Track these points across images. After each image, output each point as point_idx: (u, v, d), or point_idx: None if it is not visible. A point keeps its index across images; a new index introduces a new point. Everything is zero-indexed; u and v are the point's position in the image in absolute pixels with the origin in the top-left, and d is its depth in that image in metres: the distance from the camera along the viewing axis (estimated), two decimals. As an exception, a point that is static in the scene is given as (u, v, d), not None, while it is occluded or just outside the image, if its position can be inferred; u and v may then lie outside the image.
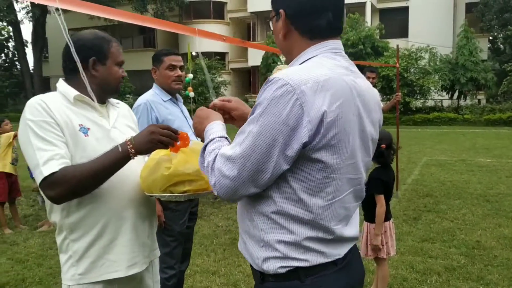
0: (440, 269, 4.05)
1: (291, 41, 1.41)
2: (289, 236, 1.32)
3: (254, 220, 1.37)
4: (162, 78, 2.99)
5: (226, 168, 1.27)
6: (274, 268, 1.34)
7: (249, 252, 1.41)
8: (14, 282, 4.03)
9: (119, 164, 1.61)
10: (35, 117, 1.58)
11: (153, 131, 1.62)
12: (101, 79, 1.75)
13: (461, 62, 22.12)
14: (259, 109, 1.26)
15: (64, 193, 1.55)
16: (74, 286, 1.69)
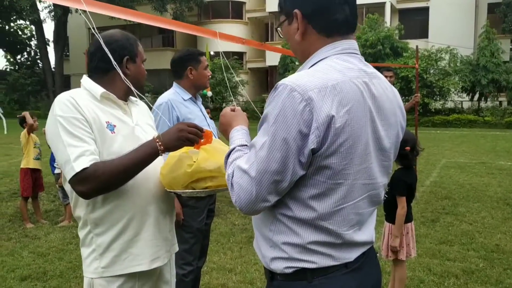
0: (458, 272, 4.01)
1: (309, 42, 1.38)
2: (295, 238, 1.32)
3: (264, 220, 1.39)
4: (201, 78, 3.08)
5: (244, 182, 1.27)
6: (281, 268, 1.35)
7: (260, 251, 1.43)
8: (35, 275, 4.12)
9: (148, 161, 1.66)
10: (65, 113, 1.62)
11: (182, 129, 1.68)
12: (133, 76, 1.83)
13: (482, 63, 21.76)
14: (269, 119, 1.24)
15: (94, 188, 1.59)
16: (97, 279, 1.73)
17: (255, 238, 1.49)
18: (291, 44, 1.44)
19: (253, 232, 4.71)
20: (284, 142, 1.21)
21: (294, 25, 1.37)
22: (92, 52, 1.80)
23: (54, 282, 3.96)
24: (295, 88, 1.21)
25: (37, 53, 36.20)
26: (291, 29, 1.39)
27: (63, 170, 1.62)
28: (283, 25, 1.43)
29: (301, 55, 1.43)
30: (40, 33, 31.72)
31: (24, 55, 37.91)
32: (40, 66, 35.12)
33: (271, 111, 1.24)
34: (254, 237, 1.50)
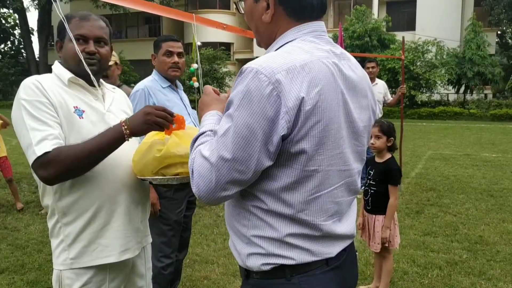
0: (442, 263, 4.01)
1: (276, 24, 1.30)
2: (271, 232, 1.25)
3: (237, 215, 1.31)
4: (159, 64, 2.96)
5: (203, 169, 1.18)
6: (258, 264, 1.27)
7: (235, 248, 1.34)
8: (13, 267, 4.02)
9: (113, 146, 1.58)
10: (29, 97, 1.56)
11: (148, 112, 1.58)
12: (64, 59, 1.70)
13: (469, 56, 21.90)
14: (234, 104, 1.16)
15: (57, 173, 1.51)
16: (66, 271, 1.67)
17: (230, 236, 1.40)
18: (255, 24, 1.34)
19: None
20: (248, 129, 1.13)
21: (261, 4, 1.29)
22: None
23: (32, 275, 3.87)
24: (261, 71, 1.13)
25: (21, 42, 35.54)
26: (258, 8, 1.30)
27: (26, 154, 1.55)
28: (245, 1, 1.34)
29: (266, 37, 1.34)
30: (24, 21, 31.14)
31: (8, 44, 37.18)
32: (24, 56, 34.51)
33: (235, 96, 1.16)
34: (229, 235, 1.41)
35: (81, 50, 1.65)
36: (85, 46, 1.67)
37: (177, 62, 2.95)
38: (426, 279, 3.72)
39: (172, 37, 3.02)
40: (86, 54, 1.67)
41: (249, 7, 1.33)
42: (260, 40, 1.38)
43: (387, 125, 3.40)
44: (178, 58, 2.96)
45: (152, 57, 3.00)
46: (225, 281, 3.71)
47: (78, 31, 1.67)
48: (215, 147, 1.17)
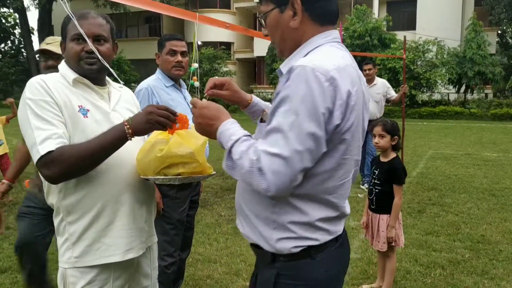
0: (444, 263, 4.01)
1: (302, 30, 1.40)
2: (302, 217, 1.37)
3: (265, 203, 1.39)
4: (163, 63, 2.97)
5: (276, 166, 1.24)
6: (288, 248, 1.38)
7: (259, 234, 1.42)
8: (16, 267, 4.01)
9: (116, 145, 1.58)
10: (35, 96, 1.56)
11: (150, 111, 1.57)
12: (66, 59, 1.72)
13: (469, 55, 21.89)
14: (294, 99, 1.25)
15: (60, 172, 1.51)
16: (70, 269, 1.68)
17: (243, 221, 1.49)
18: (281, 33, 1.44)
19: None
20: (313, 121, 1.25)
21: (288, 12, 1.39)
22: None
23: (35, 274, 3.86)
24: (316, 69, 1.25)
25: (21, 42, 35.51)
26: (285, 16, 1.40)
27: (31, 153, 1.55)
28: (270, 13, 1.43)
29: (292, 43, 1.44)
30: (24, 21, 31.10)
31: (8, 44, 37.15)
32: (24, 55, 34.48)
33: (293, 92, 1.26)
34: (240, 220, 1.51)
35: (80, 50, 1.66)
36: (84, 45, 1.67)
37: (180, 61, 2.95)
38: (429, 278, 3.72)
39: (176, 36, 3.02)
40: (86, 53, 1.67)
41: (275, 17, 1.43)
42: (284, 47, 1.47)
43: (391, 124, 3.39)
44: (181, 57, 2.96)
45: (156, 56, 3.01)
46: (227, 280, 3.71)
47: (76, 30, 1.66)
48: (284, 143, 1.24)
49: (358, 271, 3.85)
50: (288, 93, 1.26)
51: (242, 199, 1.48)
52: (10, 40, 36.77)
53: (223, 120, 1.42)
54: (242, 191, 1.49)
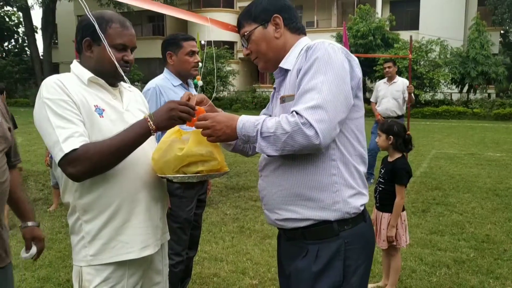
0: (449, 262, 4.03)
1: (285, 39, 1.73)
2: (356, 171, 1.64)
3: (319, 172, 1.59)
4: (181, 64, 2.93)
5: (318, 115, 1.46)
6: (356, 205, 1.63)
7: (322, 207, 1.60)
8: (24, 264, 4.05)
9: (139, 141, 1.61)
10: (53, 96, 1.58)
11: (172, 107, 1.61)
12: (95, 61, 1.70)
13: (472, 55, 21.85)
14: (320, 63, 1.52)
15: (85, 169, 1.54)
16: (86, 267, 1.69)
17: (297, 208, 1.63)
18: (267, 45, 1.72)
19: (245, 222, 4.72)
20: (340, 76, 1.53)
21: (270, 27, 1.71)
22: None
23: (43, 271, 3.90)
24: (330, 43, 1.59)
25: (25, 40, 35.56)
26: (269, 30, 1.72)
27: (52, 153, 1.56)
28: (254, 31, 1.72)
29: (277, 52, 1.74)
30: (28, 20, 31.17)
31: (12, 42, 37.23)
32: (28, 54, 34.55)
33: (319, 58, 1.53)
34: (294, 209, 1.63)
35: (120, 58, 1.70)
36: (124, 54, 1.71)
37: (198, 61, 2.97)
38: (434, 277, 3.74)
39: (191, 36, 3.01)
40: (124, 62, 1.72)
41: (260, 33, 1.73)
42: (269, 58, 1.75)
43: (387, 123, 3.43)
44: (198, 58, 2.99)
45: (168, 55, 2.94)
46: (234, 278, 3.74)
47: (121, 39, 1.70)
48: (319, 96, 1.48)
49: (363, 270, 3.87)
50: (313, 60, 1.54)
51: (290, 183, 1.63)
52: (14, 39, 36.87)
53: (237, 118, 1.61)
54: (286, 177, 1.64)
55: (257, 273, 3.83)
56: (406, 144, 3.43)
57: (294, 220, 1.64)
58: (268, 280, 3.70)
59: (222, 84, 25.32)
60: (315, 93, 1.48)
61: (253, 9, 1.74)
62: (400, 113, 6.85)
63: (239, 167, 8.83)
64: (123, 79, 1.77)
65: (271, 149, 1.51)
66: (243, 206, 5.94)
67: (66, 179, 1.67)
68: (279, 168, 1.65)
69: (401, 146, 3.42)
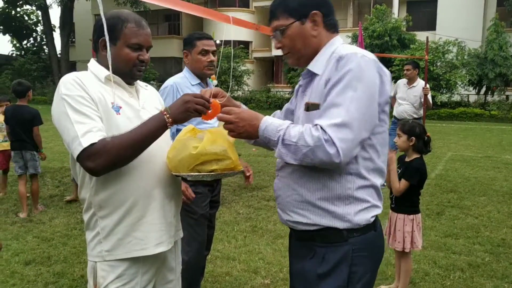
0: (464, 266, 3.99)
1: (320, 37, 1.66)
2: (372, 186, 1.62)
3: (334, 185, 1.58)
4: (194, 63, 2.93)
5: (342, 134, 1.45)
6: (367, 218, 1.61)
7: (332, 215, 1.59)
8: (40, 259, 4.12)
9: (156, 134, 1.63)
10: (71, 92, 1.60)
11: (188, 100, 1.64)
12: (112, 59, 1.68)
13: (490, 56, 21.54)
14: (351, 78, 1.48)
15: (104, 163, 1.55)
16: (100, 263, 1.72)
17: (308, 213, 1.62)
18: (303, 42, 1.66)
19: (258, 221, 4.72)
20: (370, 93, 1.50)
21: (308, 24, 1.64)
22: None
23: (58, 266, 3.96)
24: (363, 54, 1.53)
25: (43, 39, 36.11)
26: (306, 27, 1.65)
27: (70, 148, 1.58)
28: (291, 26, 1.65)
29: (312, 49, 1.68)
30: (46, 18, 31.62)
31: (30, 41, 37.83)
32: (46, 52, 35.04)
33: (350, 71, 1.49)
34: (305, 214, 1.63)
35: (135, 57, 1.72)
36: (140, 53, 1.73)
37: (212, 61, 2.92)
38: (448, 280, 3.71)
39: (207, 35, 2.97)
40: (139, 62, 1.74)
41: (297, 29, 1.65)
42: (302, 54, 1.69)
43: (409, 124, 3.40)
44: (212, 57, 2.95)
45: (184, 54, 2.97)
46: (246, 277, 3.75)
47: (136, 39, 1.72)
48: (346, 113, 1.46)
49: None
50: (343, 73, 1.49)
51: (304, 190, 1.62)
52: (32, 37, 37.44)
53: (261, 118, 1.61)
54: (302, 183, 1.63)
55: (269, 272, 3.84)
56: (426, 146, 3.40)
57: (304, 224, 1.66)
58: (280, 280, 3.70)
59: (237, 83, 25.34)
60: (342, 110, 1.46)
61: (290, 1, 1.65)
62: (416, 116, 6.78)
63: (252, 166, 8.82)
64: (139, 78, 1.79)
65: (290, 158, 1.52)
66: (256, 206, 5.95)
67: (83, 175, 1.70)
68: (296, 172, 1.65)
69: (421, 148, 3.39)
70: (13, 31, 35.71)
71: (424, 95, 6.71)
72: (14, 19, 35.20)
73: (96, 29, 1.76)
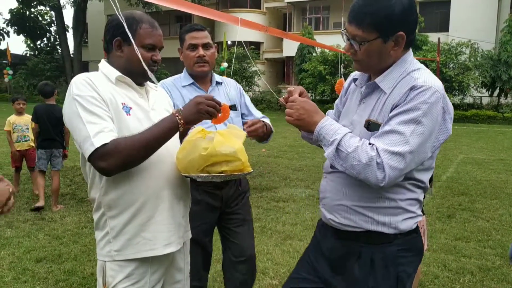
0: (474, 269, 3.95)
1: (397, 55, 1.62)
2: (417, 200, 1.69)
3: (383, 195, 1.63)
4: (185, 60, 2.61)
5: (394, 162, 1.50)
6: (411, 225, 1.68)
7: (380, 222, 1.65)
8: (51, 257, 4.17)
9: (168, 135, 1.65)
10: (82, 92, 1.62)
11: (200, 101, 1.66)
12: (126, 60, 1.73)
13: (504, 58, 21.32)
14: (418, 112, 1.50)
15: (116, 163, 1.57)
16: (109, 262, 1.73)
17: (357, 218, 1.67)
18: (379, 59, 1.62)
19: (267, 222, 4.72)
20: (429, 131, 1.53)
21: (390, 43, 1.58)
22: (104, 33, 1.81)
23: (69, 264, 4.00)
24: (436, 89, 1.53)
25: (56, 39, 36.44)
26: (387, 46, 1.59)
27: (82, 148, 1.60)
28: (373, 42, 1.57)
29: (385, 65, 1.64)
30: (60, 19, 31.95)
31: (44, 41, 38.21)
32: (59, 52, 35.39)
33: (419, 106, 1.50)
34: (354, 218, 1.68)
35: (149, 57, 1.74)
36: (153, 54, 1.76)
37: (202, 56, 2.54)
38: (457, 284, 3.68)
39: (195, 26, 2.60)
40: (152, 62, 1.76)
41: (377, 46, 1.59)
42: (375, 67, 1.66)
43: None
44: (203, 51, 2.56)
45: (179, 51, 2.65)
46: (254, 278, 3.75)
47: (150, 40, 1.75)
48: (404, 144, 1.50)
49: (385, 274, 3.84)
50: (413, 105, 1.50)
51: (355, 198, 1.68)
52: (46, 37, 37.83)
53: (322, 115, 1.66)
54: (352, 191, 1.68)
55: (277, 273, 3.84)
56: None
57: (349, 226, 1.70)
58: (288, 281, 3.70)
59: (248, 84, 25.37)
60: (402, 139, 1.50)
61: (381, 12, 1.54)
62: None
63: (262, 167, 8.85)
64: (151, 78, 1.81)
65: (337, 162, 1.58)
66: (265, 207, 5.95)
67: (93, 176, 1.72)
68: (348, 179, 1.68)
69: None
70: (27, 31, 36.11)
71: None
72: (28, 20, 35.60)
73: (109, 29, 1.77)
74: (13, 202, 1.39)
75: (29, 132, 6.53)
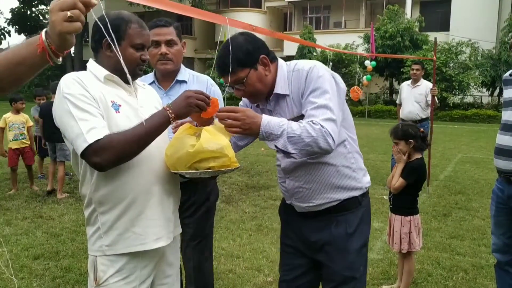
0: (468, 267, 3.98)
1: (271, 72, 1.97)
2: (359, 155, 2.11)
3: (344, 165, 2.02)
4: (150, 58, 2.34)
5: (333, 126, 1.79)
6: (368, 179, 2.13)
7: (351, 187, 2.04)
8: (48, 254, 4.21)
9: (160, 129, 1.69)
10: (73, 91, 1.64)
11: (189, 95, 1.73)
12: (115, 60, 1.71)
13: (504, 58, 21.31)
14: (323, 83, 1.85)
15: (109, 158, 1.60)
16: (100, 257, 1.76)
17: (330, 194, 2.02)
18: (261, 83, 1.94)
19: (263, 220, 4.77)
20: (335, 94, 1.89)
21: (260, 68, 1.92)
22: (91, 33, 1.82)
23: (66, 261, 4.04)
24: (319, 65, 1.93)
25: (57, 38, 36.48)
26: (260, 70, 1.93)
27: (74, 144, 1.62)
28: (249, 75, 1.90)
29: (270, 83, 1.98)
30: (61, 18, 31.98)
31: (44, 40, 38.24)
32: (60, 51, 35.38)
33: (319, 80, 1.87)
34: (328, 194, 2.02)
35: (138, 57, 1.78)
36: (142, 53, 1.80)
37: (165, 53, 2.44)
38: (450, 281, 3.71)
39: (159, 22, 2.48)
40: (141, 61, 1.80)
41: (253, 76, 1.92)
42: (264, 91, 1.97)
43: (400, 129, 3.35)
44: (167, 48, 2.45)
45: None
46: (249, 275, 3.79)
47: (140, 39, 1.77)
48: (331, 111, 1.81)
49: (379, 272, 3.87)
50: (314, 84, 1.86)
51: (323, 180, 2.01)
52: (46, 37, 37.84)
53: (260, 116, 1.80)
54: (319, 175, 2.01)
55: (272, 270, 3.87)
56: (423, 141, 3.39)
57: (326, 204, 2.03)
58: (283, 278, 3.73)
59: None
60: (327, 109, 1.81)
61: (239, 55, 1.87)
62: (423, 116, 6.77)
63: (260, 166, 8.88)
64: (139, 77, 1.85)
65: (291, 148, 1.76)
66: (262, 205, 5.99)
67: (84, 172, 1.76)
68: (312, 170, 2.01)
69: (421, 145, 3.38)
70: (28, 30, 36.12)
71: (432, 96, 6.68)
72: (29, 19, 35.64)
73: (98, 29, 1.78)
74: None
75: (25, 130, 6.70)
